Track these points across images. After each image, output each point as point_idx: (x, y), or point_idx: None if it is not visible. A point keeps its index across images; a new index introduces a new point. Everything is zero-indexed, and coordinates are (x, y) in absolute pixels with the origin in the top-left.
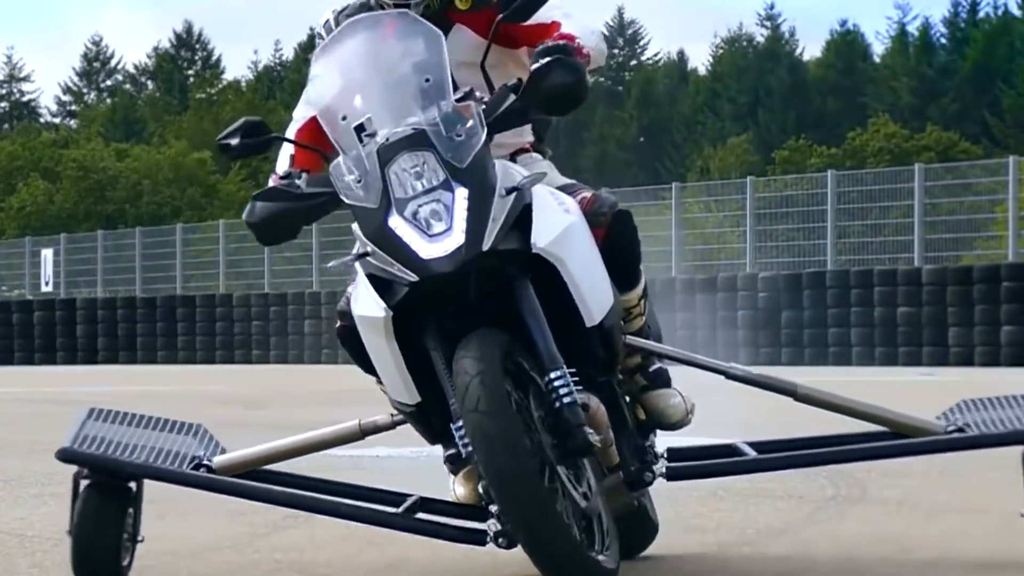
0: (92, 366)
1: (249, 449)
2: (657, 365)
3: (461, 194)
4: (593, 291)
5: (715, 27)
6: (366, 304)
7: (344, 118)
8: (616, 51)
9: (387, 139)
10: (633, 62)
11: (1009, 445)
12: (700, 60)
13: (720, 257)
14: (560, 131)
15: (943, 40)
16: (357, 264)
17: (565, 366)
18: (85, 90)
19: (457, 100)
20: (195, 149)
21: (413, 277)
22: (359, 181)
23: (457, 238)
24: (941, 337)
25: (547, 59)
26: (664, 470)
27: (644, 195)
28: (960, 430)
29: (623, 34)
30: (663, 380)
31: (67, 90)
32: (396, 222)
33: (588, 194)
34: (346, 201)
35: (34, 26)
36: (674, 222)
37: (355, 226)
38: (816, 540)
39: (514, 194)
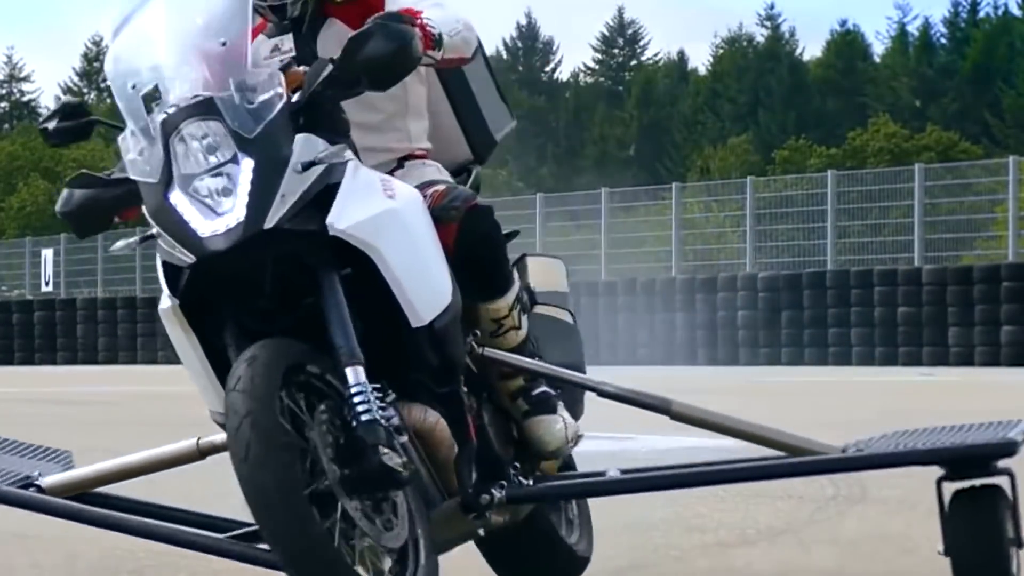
0: (92, 366)
1: (82, 469)
2: (542, 389)
3: (247, 166)
4: (420, 287)
5: (715, 27)
6: (163, 295)
7: (134, 87)
8: (616, 51)
9: (175, 107)
10: (633, 62)
11: (902, 466)
12: (700, 60)
13: (720, 257)
14: (560, 131)
15: (943, 40)
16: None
17: (364, 371)
18: (85, 90)
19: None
20: None
21: (191, 258)
22: (142, 154)
23: (238, 214)
24: (941, 337)
25: (368, 25)
26: (504, 494)
27: (644, 195)
28: (859, 451)
29: (623, 34)
30: (547, 406)
31: (67, 90)
32: (177, 198)
33: (442, 188)
34: (131, 177)
35: (34, 26)
36: (674, 222)
37: (144, 206)
38: (816, 540)
39: (315, 170)
